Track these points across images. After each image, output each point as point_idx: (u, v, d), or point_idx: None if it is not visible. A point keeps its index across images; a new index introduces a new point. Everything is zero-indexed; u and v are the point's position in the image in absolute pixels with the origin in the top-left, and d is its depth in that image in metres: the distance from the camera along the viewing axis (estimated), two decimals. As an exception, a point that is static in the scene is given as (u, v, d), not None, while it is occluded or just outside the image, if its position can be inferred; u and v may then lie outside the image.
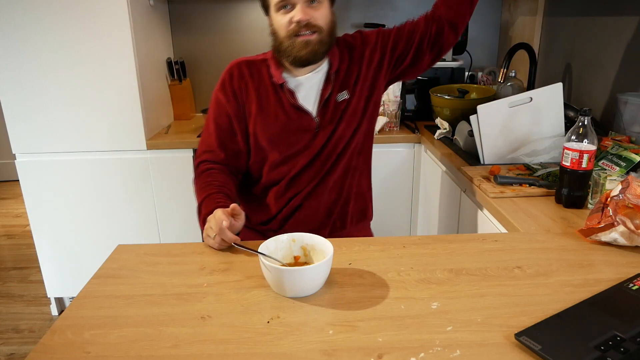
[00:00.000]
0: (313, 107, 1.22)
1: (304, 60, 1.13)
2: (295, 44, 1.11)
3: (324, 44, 1.13)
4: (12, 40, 1.83)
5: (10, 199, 3.68)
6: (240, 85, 1.20)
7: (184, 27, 2.47)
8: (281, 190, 1.25)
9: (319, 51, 1.13)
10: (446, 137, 1.87)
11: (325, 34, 1.13)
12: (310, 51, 1.11)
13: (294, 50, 1.11)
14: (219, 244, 0.96)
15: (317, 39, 1.11)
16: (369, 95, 1.25)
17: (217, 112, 1.23)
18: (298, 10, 1.09)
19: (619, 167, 1.27)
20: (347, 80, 1.22)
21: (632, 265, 0.88)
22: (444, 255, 0.93)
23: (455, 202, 1.60)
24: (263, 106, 1.20)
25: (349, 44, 1.25)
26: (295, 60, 1.13)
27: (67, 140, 1.96)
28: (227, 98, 1.21)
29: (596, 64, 1.76)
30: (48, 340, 0.71)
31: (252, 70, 1.21)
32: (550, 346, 0.65)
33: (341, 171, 1.26)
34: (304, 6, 1.09)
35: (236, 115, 1.22)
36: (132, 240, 2.09)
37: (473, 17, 2.41)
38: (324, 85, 1.21)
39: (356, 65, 1.23)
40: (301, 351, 0.67)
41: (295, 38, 1.11)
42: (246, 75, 1.21)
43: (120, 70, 1.88)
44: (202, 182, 1.17)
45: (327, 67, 1.22)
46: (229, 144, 1.23)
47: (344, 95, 1.22)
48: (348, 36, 1.27)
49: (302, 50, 1.11)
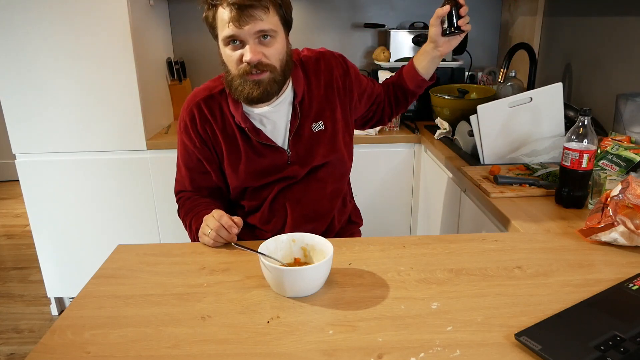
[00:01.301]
0: (284, 140, 1.16)
1: (256, 100, 1.06)
2: (246, 83, 1.04)
3: (276, 82, 1.05)
4: (12, 40, 1.82)
5: (10, 199, 3.68)
6: (205, 129, 1.14)
7: (184, 27, 2.46)
8: (265, 215, 1.23)
9: (271, 91, 1.06)
10: (446, 137, 1.87)
11: (277, 72, 1.05)
12: (262, 91, 1.04)
13: (245, 90, 1.04)
14: (214, 239, 0.95)
15: (269, 77, 1.04)
16: (345, 124, 1.22)
17: (186, 156, 1.19)
18: (248, 50, 1.00)
19: (619, 167, 1.27)
20: (321, 110, 1.17)
21: (632, 265, 0.88)
22: (444, 255, 0.93)
23: (455, 202, 1.60)
24: (232, 149, 1.15)
25: (318, 68, 1.18)
26: (246, 99, 1.07)
27: (67, 140, 1.96)
28: (193, 144, 1.16)
29: (596, 64, 1.76)
30: (48, 340, 0.71)
31: (213, 110, 1.13)
32: (550, 346, 0.65)
33: (322, 193, 1.23)
34: (255, 43, 1.00)
35: (207, 159, 1.17)
36: (132, 240, 2.09)
37: (473, 17, 2.41)
38: (292, 116, 1.14)
39: (330, 92, 1.18)
40: (301, 351, 0.67)
41: (246, 77, 1.03)
42: (208, 116, 1.13)
43: (120, 70, 1.88)
44: (187, 208, 1.16)
45: (292, 97, 1.15)
46: (203, 183, 1.20)
47: (319, 126, 1.17)
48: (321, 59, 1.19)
49: (253, 91, 1.04)
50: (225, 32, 1.00)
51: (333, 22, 2.49)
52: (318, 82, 1.18)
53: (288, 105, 1.15)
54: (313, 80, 1.17)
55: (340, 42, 2.52)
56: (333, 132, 1.19)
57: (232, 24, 0.98)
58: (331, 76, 1.18)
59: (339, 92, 1.20)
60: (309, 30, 2.47)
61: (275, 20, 1.02)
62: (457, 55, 2.42)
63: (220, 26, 1.01)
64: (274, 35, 1.02)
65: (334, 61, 1.20)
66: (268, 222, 1.23)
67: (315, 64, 1.18)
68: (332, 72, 1.19)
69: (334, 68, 1.19)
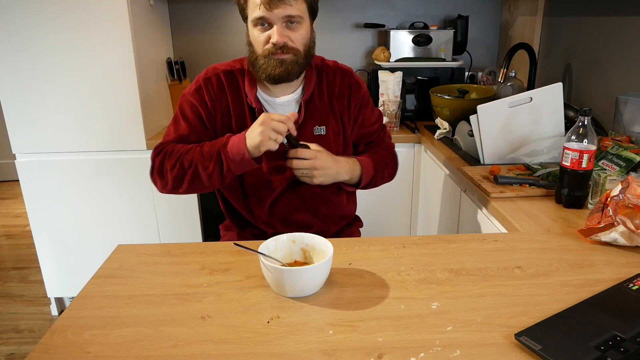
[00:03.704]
0: None
1: (277, 78, 1.12)
2: (270, 62, 1.10)
3: (298, 64, 1.12)
4: (12, 40, 1.82)
5: (10, 199, 3.68)
6: (219, 98, 1.18)
7: (184, 27, 2.47)
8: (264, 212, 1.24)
9: (292, 71, 1.12)
10: (446, 137, 1.87)
11: (301, 55, 1.12)
12: (284, 69, 1.10)
13: (269, 68, 1.11)
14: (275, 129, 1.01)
15: (292, 59, 1.10)
16: (345, 139, 1.25)
17: (187, 113, 1.19)
18: (275, 32, 1.07)
19: (619, 167, 1.27)
20: (326, 117, 1.22)
21: (632, 265, 0.88)
22: (444, 255, 0.93)
23: (455, 202, 1.60)
24: (240, 128, 1.18)
25: (333, 79, 1.23)
26: (268, 77, 1.12)
27: (67, 140, 1.96)
28: (203, 105, 1.17)
29: (596, 64, 1.76)
30: (48, 340, 0.71)
31: (230, 83, 1.19)
32: (550, 346, 0.65)
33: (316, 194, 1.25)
34: (282, 27, 1.08)
35: (208, 120, 1.19)
36: (131, 240, 2.09)
37: (473, 17, 2.42)
38: (298, 113, 1.19)
39: (338, 104, 1.23)
40: (301, 351, 0.67)
41: (271, 56, 1.10)
42: (226, 86, 1.18)
43: (120, 70, 1.88)
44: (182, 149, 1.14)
45: (301, 94, 1.21)
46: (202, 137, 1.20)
47: (320, 130, 1.21)
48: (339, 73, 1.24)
49: (276, 69, 1.10)
50: (255, 14, 1.07)
51: (333, 22, 2.49)
52: (329, 90, 1.23)
53: (296, 104, 1.21)
54: (324, 86, 1.23)
55: (340, 42, 2.52)
56: (332, 141, 1.23)
57: (262, 7, 1.05)
58: (342, 91, 1.24)
59: (347, 109, 1.25)
60: (309, 30, 2.47)
61: (302, 7, 1.10)
62: (457, 55, 2.42)
63: (252, 8, 1.08)
64: (300, 21, 1.09)
65: (353, 83, 1.25)
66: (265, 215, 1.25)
67: (332, 74, 1.24)
68: (345, 87, 1.24)
69: (350, 88, 1.24)
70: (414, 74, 2.24)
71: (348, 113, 1.25)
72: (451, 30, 2.28)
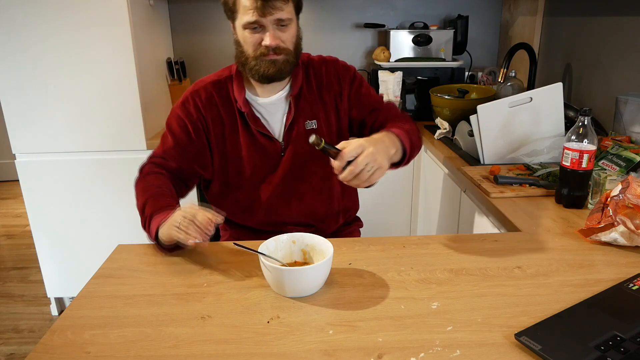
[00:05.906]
0: (279, 133, 1.21)
1: (270, 78, 1.13)
2: (262, 63, 1.11)
3: (290, 63, 1.14)
4: (12, 40, 1.82)
5: (10, 199, 3.67)
6: (208, 111, 1.18)
7: (184, 27, 2.46)
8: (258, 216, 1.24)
9: (285, 70, 1.13)
10: (446, 137, 1.87)
11: (292, 54, 1.14)
12: (277, 69, 1.12)
13: (261, 69, 1.11)
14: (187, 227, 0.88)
15: (284, 59, 1.12)
16: (338, 130, 1.25)
17: (174, 127, 1.19)
18: (268, 36, 1.08)
19: (619, 167, 1.27)
20: (316, 110, 1.22)
21: (632, 265, 0.88)
22: (444, 255, 0.93)
23: (455, 202, 1.60)
24: (232, 137, 1.19)
25: (319, 71, 1.23)
26: (261, 77, 1.13)
27: (67, 140, 1.96)
28: (190, 117, 1.18)
29: (596, 64, 1.76)
30: (48, 340, 0.71)
31: (220, 92, 1.20)
32: (550, 346, 0.65)
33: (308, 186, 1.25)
34: (274, 29, 1.09)
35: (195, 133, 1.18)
36: (132, 240, 2.08)
37: (473, 17, 2.42)
38: (288, 110, 1.20)
39: (327, 95, 1.23)
40: (301, 351, 0.67)
41: (262, 58, 1.11)
42: (215, 97, 1.19)
43: (120, 70, 1.88)
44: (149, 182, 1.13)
45: (289, 90, 1.21)
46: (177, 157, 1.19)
47: (312, 124, 1.22)
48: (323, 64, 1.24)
49: (269, 69, 1.11)
50: (247, 18, 1.07)
51: (333, 22, 2.49)
52: (317, 82, 1.23)
53: (285, 100, 1.21)
54: (312, 79, 1.23)
55: (340, 42, 2.52)
56: (324, 134, 1.23)
57: (255, 12, 1.06)
58: (330, 79, 1.24)
59: (340, 94, 1.24)
60: (309, 30, 2.47)
61: (291, 9, 1.11)
62: (457, 55, 2.42)
63: (242, 11, 1.08)
64: (289, 22, 1.11)
65: (339, 68, 1.25)
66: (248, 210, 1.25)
67: (317, 66, 1.25)
68: (333, 77, 1.24)
69: (337, 74, 1.24)
70: (414, 74, 2.24)
71: (341, 97, 1.24)
72: (451, 30, 2.28)
